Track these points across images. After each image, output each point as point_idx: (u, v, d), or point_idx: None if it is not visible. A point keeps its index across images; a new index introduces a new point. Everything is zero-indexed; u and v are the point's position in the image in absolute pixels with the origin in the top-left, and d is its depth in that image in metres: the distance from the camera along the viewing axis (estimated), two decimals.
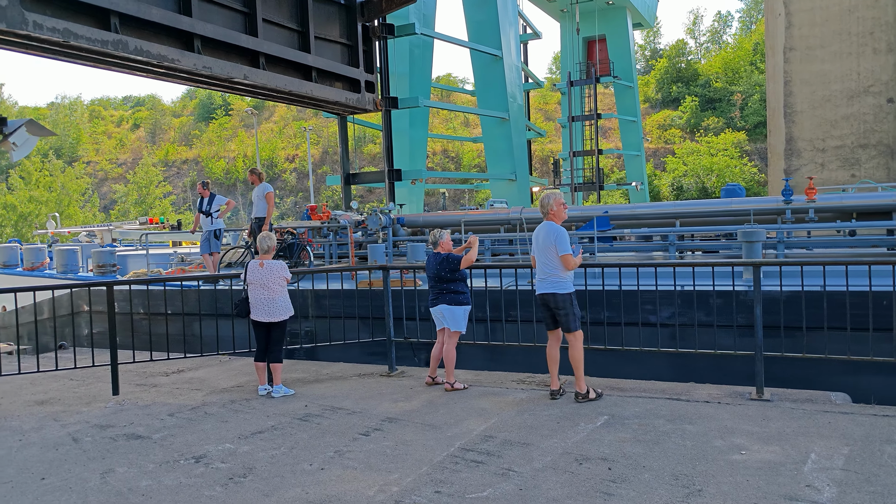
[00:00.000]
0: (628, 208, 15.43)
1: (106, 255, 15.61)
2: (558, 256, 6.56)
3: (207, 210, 12.93)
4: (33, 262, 17.39)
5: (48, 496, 4.80)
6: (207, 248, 13.00)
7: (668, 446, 5.29)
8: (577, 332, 6.62)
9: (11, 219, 55.07)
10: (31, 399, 7.82)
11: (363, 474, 4.97)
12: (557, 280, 6.61)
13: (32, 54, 12.74)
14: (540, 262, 6.72)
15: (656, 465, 4.90)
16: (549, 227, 6.66)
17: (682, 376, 7.73)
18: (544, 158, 66.58)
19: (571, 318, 6.60)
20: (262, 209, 12.90)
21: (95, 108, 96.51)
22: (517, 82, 30.55)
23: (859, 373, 7.67)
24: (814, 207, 12.24)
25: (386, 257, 14.15)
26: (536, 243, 6.74)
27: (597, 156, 40.01)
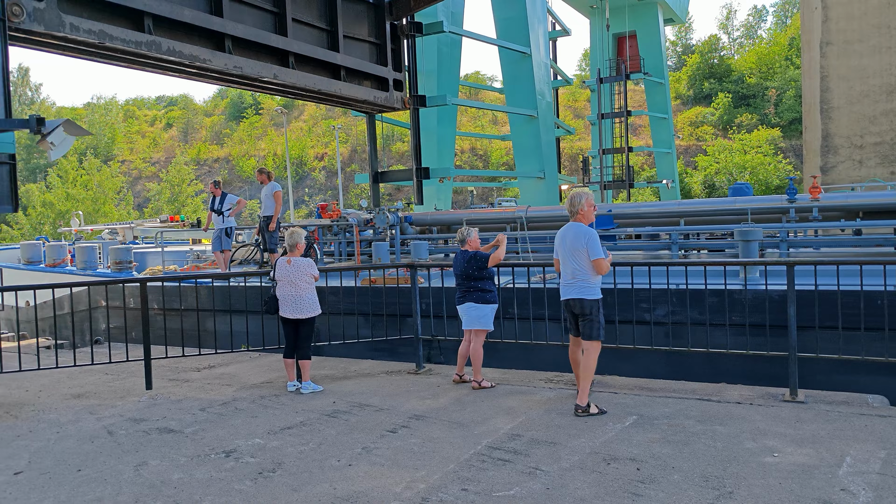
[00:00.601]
0: (632, 207, 15.42)
1: (123, 252, 15.96)
2: (589, 260, 6.21)
3: (219, 208, 13.18)
4: (55, 259, 17.84)
5: (84, 487, 4.92)
6: (219, 246, 13.28)
7: (698, 447, 5.23)
8: (597, 342, 6.29)
9: (50, 216, 56.33)
10: (68, 392, 8.01)
11: (390, 471, 5.00)
12: (586, 285, 6.26)
13: (69, 56, 13.02)
14: (567, 266, 6.36)
15: (686, 466, 4.85)
16: (579, 229, 6.30)
17: (677, 374, 7.74)
18: (573, 156, 66.13)
19: (596, 326, 6.26)
20: (270, 207, 13.13)
21: (130, 108, 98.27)
22: (546, 79, 30.39)
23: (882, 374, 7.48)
24: (818, 206, 12.22)
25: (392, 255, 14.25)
26: (563, 245, 6.36)
27: (626, 153, 39.61)
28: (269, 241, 13.21)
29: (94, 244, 17.86)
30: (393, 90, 19.68)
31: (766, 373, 7.68)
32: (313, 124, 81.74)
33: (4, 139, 9.46)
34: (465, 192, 55.98)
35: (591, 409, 6.19)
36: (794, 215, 12.42)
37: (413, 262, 8.95)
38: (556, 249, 6.55)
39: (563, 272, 6.44)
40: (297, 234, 7.77)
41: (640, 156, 60.87)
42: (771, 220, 12.68)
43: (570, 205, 6.43)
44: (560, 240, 6.44)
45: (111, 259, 16.02)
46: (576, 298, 6.31)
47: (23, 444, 6.02)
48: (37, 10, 10.71)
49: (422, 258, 13.61)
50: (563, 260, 6.42)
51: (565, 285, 6.41)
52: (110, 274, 15.60)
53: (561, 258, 6.46)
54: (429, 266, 8.96)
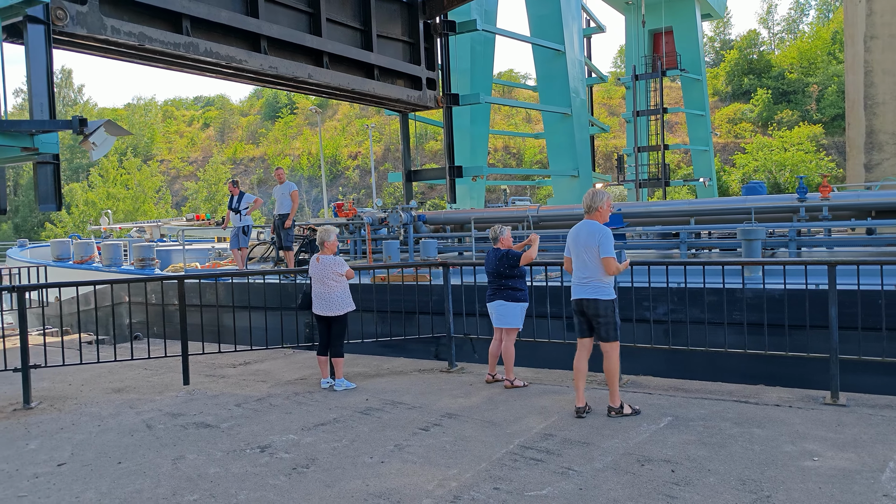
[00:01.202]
0: (643, 206, 15.72)
1: (145, 250, 16.46)
2: (600, 259, 6.01)
3: (237, 207, 13.43)
4: (82, 256, 18.47)
5: (124, 479, 5.04)
6: (236, 244, 13.57)
7: (735, 450, 5.15)
8: (615, 343, 6.10)
9: (91, 214, 57.73)
10: (108, 387, 8.21)
11: (422, 468, 5.02)
12: (599, 285, 6.04)
13: (110, 58, 13.34)
14: (578, 264, 6.13)
15: (722, 469, 4.78)
16: (592, 226, 6.08)
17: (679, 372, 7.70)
18: (608, 154, 65.48)
19: (612, 327, 6.06)
20: (285, 206, 13.36)
21: (168, 109, 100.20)
22: (580, 77, 30.14)
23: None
24: (828, 205, 12.15)
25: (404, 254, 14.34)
26: (575, 242, 6.12)
27: (662, 151, 39.11)
28: (285, 239, 13.45)
29: (118, 242, 18.39)
30: (426, 89, 19.75)
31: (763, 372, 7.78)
32: (347, 123, 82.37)
33: (48, 140, 9.71)
34: (498, 190, 55.87)
35: (625, 410, 6.11)
36: (805, 214, 12.39)
37: (445, 260, 8.97)
38: (567, 247, 6.31)
39: (576, 271, 6.20)
40: (326, 231, 7.80)
41: (677, 153, 60.04)
42: (782, 220, 12.65)
43: (590, 200, 6.17)
44: (573, 237, 6.21)
45: (134, 256, 16.52)
46: (590, 299, 6.07)
47: (66, 436, 6.19)
48: (79, 13, 10.98)
49: (431, 256, 13.76)
50: (575, 258, 6.19)
51: (578, 285, 6.17)
52: (134, 270, 16.02)
53: (573, 256, 6.22)
54: (461, 265, 8.97)
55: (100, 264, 17.38)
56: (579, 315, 6.23)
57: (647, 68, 41.58)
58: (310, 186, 74.89)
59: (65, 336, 12.12)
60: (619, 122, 64.46)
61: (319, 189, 64.25)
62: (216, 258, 17.81)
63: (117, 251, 17.20)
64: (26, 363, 7.40)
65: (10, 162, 10.28)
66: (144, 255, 16.26)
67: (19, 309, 7.64)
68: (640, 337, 7.85)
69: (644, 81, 40.79)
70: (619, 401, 6.15)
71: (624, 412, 6.09)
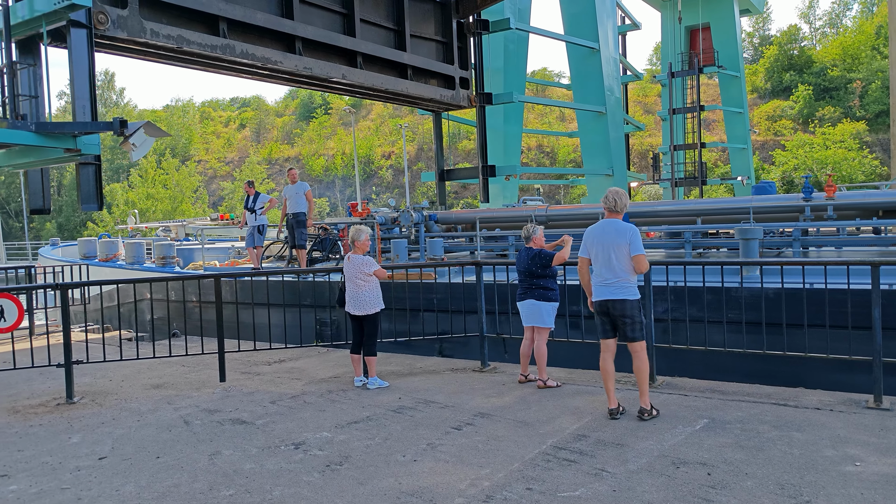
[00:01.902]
0: (649, 205, 15.98)
1: (167, 248, 16.96)
2: (629, 257, 5.86)
3: (252, 207, 13.69)
4: (107, 254, 19.10)
5: (162, 474, 5.14)
6: (252, 242, 13.85)
7: (773, 453, 5.05)
8: (643, 342, 6.03)
9: (132, 214, 59.01)
10: (147, 383, 8.39)
11: (455, 467, 5.03)
12: (626, 285, 5.90)
13: (149, 60, 13.63)
14: (602, 264, 5.96)
15: (760, 473, 4.70)
16: (619, 224, 5.91)
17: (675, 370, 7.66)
18: (643, 153, 64.71)
19: (639, 327, 5.96)
20: (300, 206, 13.58)
21: (206, 110, 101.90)
22: (615, 75, 29.83)
23: None
24: (833, 205, 12.15)
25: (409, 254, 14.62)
26: (601, 241, 5.94)
27: (699, 149, 38.48)
28: (299, 238, 13.71)
29: (141, 241, 19.02)
30: (459, 88, 19.76)
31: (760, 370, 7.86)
32: (381, 123, 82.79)
33: (90, 141, 9.96)
34: (531, 189, 55.64)
35: (654, 412, 6.05)
36: (810, 214, 12.40)
37: (478, 259, 8.95)
38: (585, 247, 6.12)
39: (600, 271, 6.01)
40: (358, 231, 7.80)
41: (714, 152, 59.06)
42: (788, 219, 12.68)
43: (617, 199, 6.02)
44: (596, 236, 6.01)
45: (156, 255, 16.99)
46: (618, 300, 5.93)
47: (106, 430, 6.34)
48: (120, 17, 11.22)
49: (437, 255, 13.99)
50: (599, 258, 5.99)
51: (602, 285, 6.00)
52: (156, 268, 16.45)
53: (596, 256, 6.02)
54: (494, 264, 8.95)
55: (124, 262, 17.90)
56: (603, 316, 6.09)
57: (683, 65, 40.96)
58: (343, 186, 75.48)
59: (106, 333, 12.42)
60: (654, 120, 63.66)
61: (353, 188, 64.70)
62: (235, 256, 18.24)
63: (140, 250, 17.79)
64: (69, 359, 7.60)
65: (53, 163, 10.57)
66: (165, 253, 16.82)
67: (62, 306, 7.84)
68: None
69: (680, 79, 40.19)
70: (649, 402, 6.09)
71: (653, 414, 6.03)
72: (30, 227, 68.15)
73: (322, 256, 15.04)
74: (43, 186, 11.62)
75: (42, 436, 6.25)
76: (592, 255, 6.08)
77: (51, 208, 11.95)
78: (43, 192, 11.63)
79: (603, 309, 6.05)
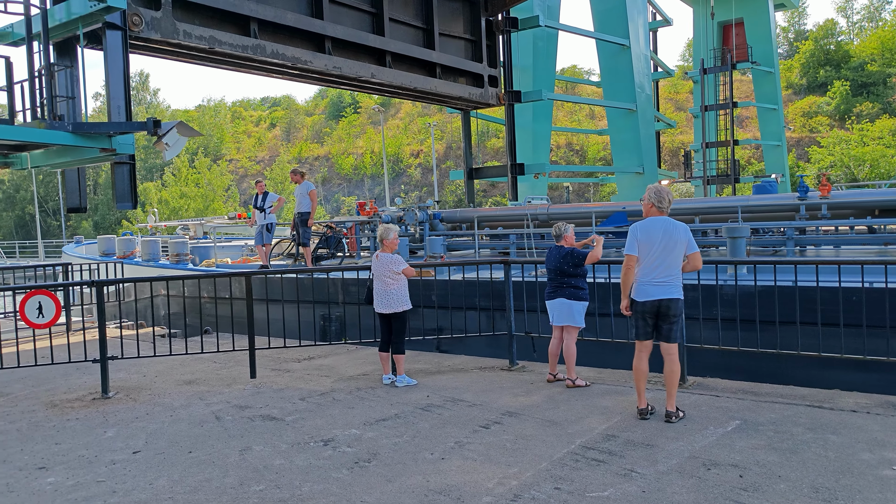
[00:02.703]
0: None
1: (180, 246, 17.50)
2: (686, 256, 5.79)
3: (261, 206, 13.98)
4: (124, 252, 19.81)
5: (194, 468, 5.23)
6: (261, 240, 14.18)
7: (808, 456, 4.96)
8: (677, 344, 5.99)
9: (164, 213, 60.03)
10: (180, 379, 8.53)
11: (482, 466, 5.03)
12: (679, 284, 5.83)
13: (182, 61, 13.85)
14: (658, 263, 5.78)
15: (793, 476, 4.62)
16: (673, 222, 5.81)
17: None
18: (674, 150, 63.93)
19: (679, 328, 5.92)
20: (304, 205, 13.87)
21: (237, 110, 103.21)
22: (645, 72, 29.50)
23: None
24: (827, 203, 12.25)
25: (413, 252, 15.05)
26: (657, 239, 5.77)
27: (732, 147, 37.92)
28: (303, 236, 14.05)
29: (156, 239, 19.70)
30: (488, 86, 19.72)
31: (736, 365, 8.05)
32: (409, 122, 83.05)
33: (125, 141, 10.14)
34: (560, 188, 55.33)
35: (680, 414, 5.97)
36: (805, 213, 12.51)
37: (507, 258, 8.94)
38: (635, 245, 5.88)
39: (652, 270, 5.81)
40: (387, 230, 7.85)
41: (747, 149, 58.10)
42: (784, 218, 12.78)
43: (667, 196, 5.92)
44: (651, 233, 5.82)
45: (171, 252, 17.56)
46: (672, 299, 5.80)
47: (140, 425, 6.46)
48: (154, 18, 11.41)
49: (437, 252, 14.30)
50: (653, 255, 5.80)
51: (654, 284, 5.81)
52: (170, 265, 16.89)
53: (650, 254, 5.82)
54: (523, 262, 8.92)
55: (140, 259, 18.41)
56: (648, 316, 5.89)
57: (716, 61, 40.36)
58: (372, 184, 75.85)
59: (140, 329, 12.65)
60: (686, 117, 62.87)
61: (382, 187, 64.98)
62: (248, 254, 18.65)
63: (155, 247, 18.38)
64: (104, 355, 7.76)
65: (89, 162, 10.79)
66: (179, 250, 17.41)
67: (98, 302, 8.01)
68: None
69: (713, 75, 39.63)
70: (675, 405, 5.99)
71: (679, 416, 5.95)
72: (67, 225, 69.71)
73: (327, 254, 15.40)
74: (80, 185, 11.87)
75: (78, 429, 6.40)
76: (643, 253, 5.84)
77: (87, 207, 12.22)
78: (80, 190, 11.89)
79: (652, 309, 5.85)
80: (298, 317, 9.17)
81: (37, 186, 69.37)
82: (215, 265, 16.75)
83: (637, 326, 6.01)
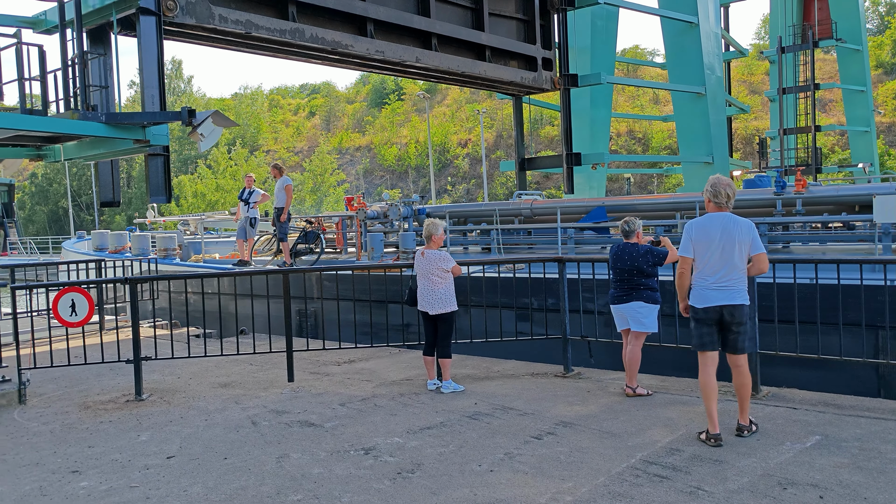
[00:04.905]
0: (626, 200, 16.93)
1: (168, 241, 18.79)
2: (750, 256, 5.58)
3: (246, 199, 14.86)
4: (116, 246, 21.16)
5: (229, 475, 5.35)
6: (243, 235, 15.05)
7: None
8: (746, 355, 5.76)
9: (200, 206, 61.50)
10: (215, 381, 8.74)
11: (534, 480, 5.02)
12: (743, 288, 5.61)
13: (218, 47, 14.16)
14: (720, 264, 5.56)
15: (881, 499, 4.48)
16: (738, 219, 5.57)
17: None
18: (748, 138, 62.47)
19: (749, 337, 5.69)
20: (279, 199, 14.57)
21: (274, 98, 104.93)
22: (716, 52, 28.88)
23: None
24: (801, 199, 12.44)
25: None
26: (718, 238, 5.55)
27: (813, 133, 36.87)
28: (280, 231, 14.74)
29: (146, 234, 21.01)
30: (542, 70, 19.60)
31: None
32: (457, 109, 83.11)
33: (159, 132, 10.44)
34: (621, 179, 54.66)
35: (753, 428, 5.79)
36: (781, 209, 12.67)
37: (561, 256, 8.87)
38: (689, 245, 5.71)
39: (711, 272, 5.61)
40: (433, 225, 7.82)
41: (831, 136, 56.36)
42: (764, 214, 12.97)
43: (724, 189, 5.64)
44: (707, 232, 5.62)
45: (159, 247, 18.80)
46: (737, 305, 5.58)
47: (175, 429, 6.65)
48: (189, 3, 11.69)
49: (409, 247, 14.74)
50: (713, 256, 5.59)
51: (714, 288, 5.60)
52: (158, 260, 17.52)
53: (709, 254, 5.61)
54: (578, 260, 8.86)
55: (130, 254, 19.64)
56: (711, 324, 5.68)
57: (795, 39, 39.24)
58: (417, 176, 76.19)
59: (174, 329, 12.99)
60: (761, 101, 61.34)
61: (427, 179, 65.25)
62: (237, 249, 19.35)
63: (145, 242, 19.67)
64: (138, 355, 8.00)
65: (123, 154, 11.14)
66: (167, 245, 18.79)
67: (131, 301, 8.26)
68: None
69: (792, 54, 38.54)
70: (748, 418, 5.81)
71: (752, 429, 5.76)
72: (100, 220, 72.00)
73: (305, 249, 16.03)
74: (113, 179, 12.27)
75: (111, 432, 6.62)
76: (700, 254, 5.65)
77: (120, 201, 12.63)
78: (113, 184, 12.29)
79: (715, 316, 5.64)
80: (338, 317, 9.27)
81: (70, 180, 71.96)
82: (203, 261, 17.73)
83: (699, 335, 5.77)
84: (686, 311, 5.95)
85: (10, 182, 51.17)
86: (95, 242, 22.20)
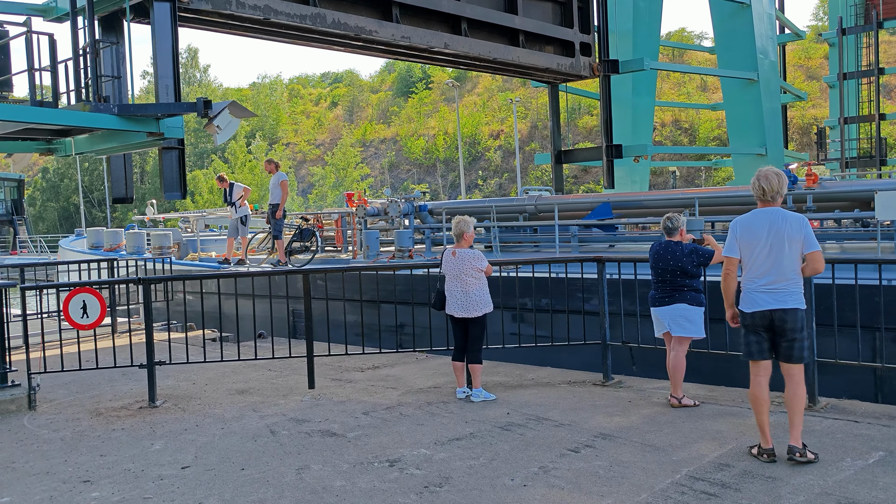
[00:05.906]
0: (633, 196, 17.19)
1: (162, 238, 18.98)
2: (803, 255, 5.39)
3: (231, 200, 15.20)
4: (111, 244, 21.59)
5: (247, 487, 5.41)
6: (234, 234, 15.46)
7: None
8: (802, 365, 5.50)
9: (217, 203, 62.29)
10: (232, 388, 8.84)
11: (571, 495, 5.00)
12: (796, 290, 5.41)
13: (235, 34, 14.32)
14: (770, 264, 5.40)
15: None
16: (788, 215, 5.41)
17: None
18: (805, 127, 61.56)
19: (805, 345, 5.45)
20: (274, 196, 14.84)
21: (294, 87, 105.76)
22: (769, 34, 28.52)
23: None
24: (812, 195, 12.70)
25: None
26: (763, 235, 5.42)
27: (878, 122, 36.18)
28: (275, 228, 15.06)
29: (142, 231, 21.29)
30: (579, 55, 19.49)
31: None
32: (488, 98, 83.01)
33: (173, 124, 10.57)
34: (665, 172, 54.14)
35: (809, 455, 5.42)
36: (792, 204, 12.63)
37: (601, 255, 8.82)
38: (734, 244, 5.60)
39: (760, 273, 5.46)
40: (465, 223, 7.77)
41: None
42: None
43: (770, 184, 5.49)
44: (752, 229, 5.49)
45: (153, 244, 19.02)
46: (789, 309, 5.38)
47: (190, 438, 6.74)
48: None
49: (405, 245, 14.82)
50: (761, 256, 5.44)
51: (763, 291, 5.44)
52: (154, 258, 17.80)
53: (755, 254, 5.47)
54: (619, 260, 8.80)
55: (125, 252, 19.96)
56: (762, 331, 5.50)
57: (857, 20, 38.55)
58: (446, 170, 76.26)
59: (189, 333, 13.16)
60: (819, 87, 60.37)
61: (456, 173, 65.31)
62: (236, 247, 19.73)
63: (140, 239, 19.99)
64: (152, 360, 8.12)
65: (136, 147, 11.31)
66: (161, 243, 18.93)
67: (145, 303, 8.38)
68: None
69: (854, 36, 37.87)
70: (800, 439, 5.47)
71: (808, 457, 5.40)
72: (112, 217, 73.19)
73: (300, 247, 16.23)
74: (125, 174, 12.47)
75: (124, 441, 6.73)
76: (745, 254, 5.54)
77: (133, 197, 12.84)
78: (125, 180, 12.49)
79: (764, 321, 5.47)
80: (362, 320, 9.32)
81: (81, 175, 73.23)
82: (198, 259, 18.12)
83: (748, 343, 5.59)
84: (732, 320, 5.78)
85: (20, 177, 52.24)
86: (91, 240, 22.79)
